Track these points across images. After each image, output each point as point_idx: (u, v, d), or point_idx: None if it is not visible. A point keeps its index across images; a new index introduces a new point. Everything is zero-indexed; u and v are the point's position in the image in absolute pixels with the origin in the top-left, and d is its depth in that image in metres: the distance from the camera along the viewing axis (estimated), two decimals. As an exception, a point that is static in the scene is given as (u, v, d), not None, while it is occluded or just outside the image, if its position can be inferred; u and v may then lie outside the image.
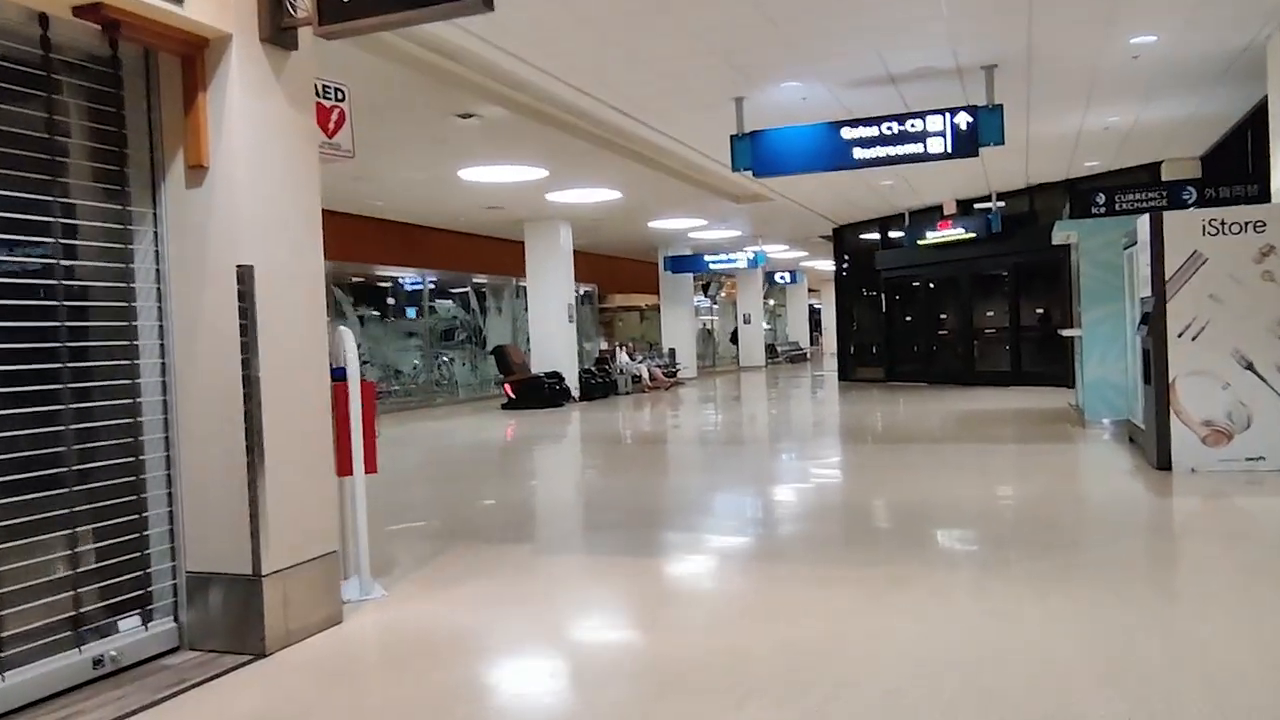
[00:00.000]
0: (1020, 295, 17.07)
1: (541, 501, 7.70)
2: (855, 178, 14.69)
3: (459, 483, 8.73)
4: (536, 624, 4.19)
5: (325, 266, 4.30)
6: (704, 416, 15.27)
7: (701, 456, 10.13)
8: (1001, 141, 8.62)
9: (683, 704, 3.18)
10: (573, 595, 4.67)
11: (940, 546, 5.26)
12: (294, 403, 4.01)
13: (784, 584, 4.62)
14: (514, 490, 8.25)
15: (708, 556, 5.36)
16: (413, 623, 4.23)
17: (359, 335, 17.00)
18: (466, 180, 13.19)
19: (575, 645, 4.00)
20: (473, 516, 7.07)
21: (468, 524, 6.74)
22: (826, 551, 5.27)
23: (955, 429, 11.23)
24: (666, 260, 23.37)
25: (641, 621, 4.22)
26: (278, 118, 3.97)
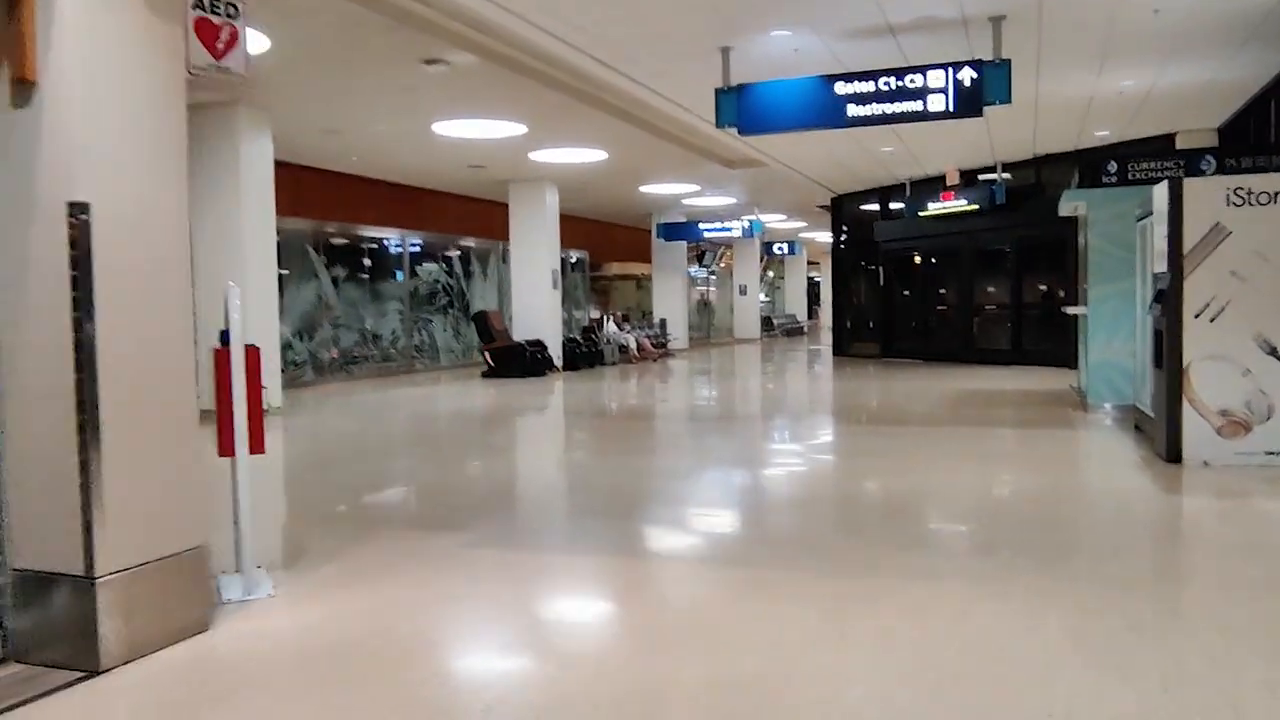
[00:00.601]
0: (1023, 271, 16.38)
1: (491, 482, 7.06)
2: (855, 144, 13.96)
3: (411, 458, 8.10)
4: (425, 642, 3.54)
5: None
6: (688, 391, 14.62)
7: (677, 436, 9.50)
8: (1008, 99, 7.90)
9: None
10: (483, 604, 4.03)
11: (922, 552, 4.61)
12: (144, 371, 3.36)
13: (734, 598, 3.97)
14: (467, 468, 7.61)
15: (654, 557, 4.73)
16: (289, 633, 3.61)
17: (334, 298, 16.43)
18: (442, 135, 12.46)
19: (458, 676, 3.34)
20: (413, 498, 6.44)
21: (403, 507, 6.12)
22: (792, 555, 4.62)
23: (950, 411, 10.58)
24: (659, 227, 22.63)
25: (550, 646, 3.55)
26: (130, 28, 3.29)
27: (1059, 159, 15.43)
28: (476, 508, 5.89)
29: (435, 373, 17.76)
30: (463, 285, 19.32)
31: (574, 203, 20.40)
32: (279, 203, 14.94)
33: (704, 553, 4.76)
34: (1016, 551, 4.52)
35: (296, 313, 15.22)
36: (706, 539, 5.19)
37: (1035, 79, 10.10)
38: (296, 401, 12.95)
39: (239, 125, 10.39)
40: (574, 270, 23.53)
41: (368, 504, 6.12)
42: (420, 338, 18.16)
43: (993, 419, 9.85)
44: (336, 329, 16.01)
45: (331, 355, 16.07)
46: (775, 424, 10.14)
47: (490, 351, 16.45)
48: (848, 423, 10.24)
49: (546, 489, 6.74)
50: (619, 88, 10.41)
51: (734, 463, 7.58)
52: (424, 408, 12.39)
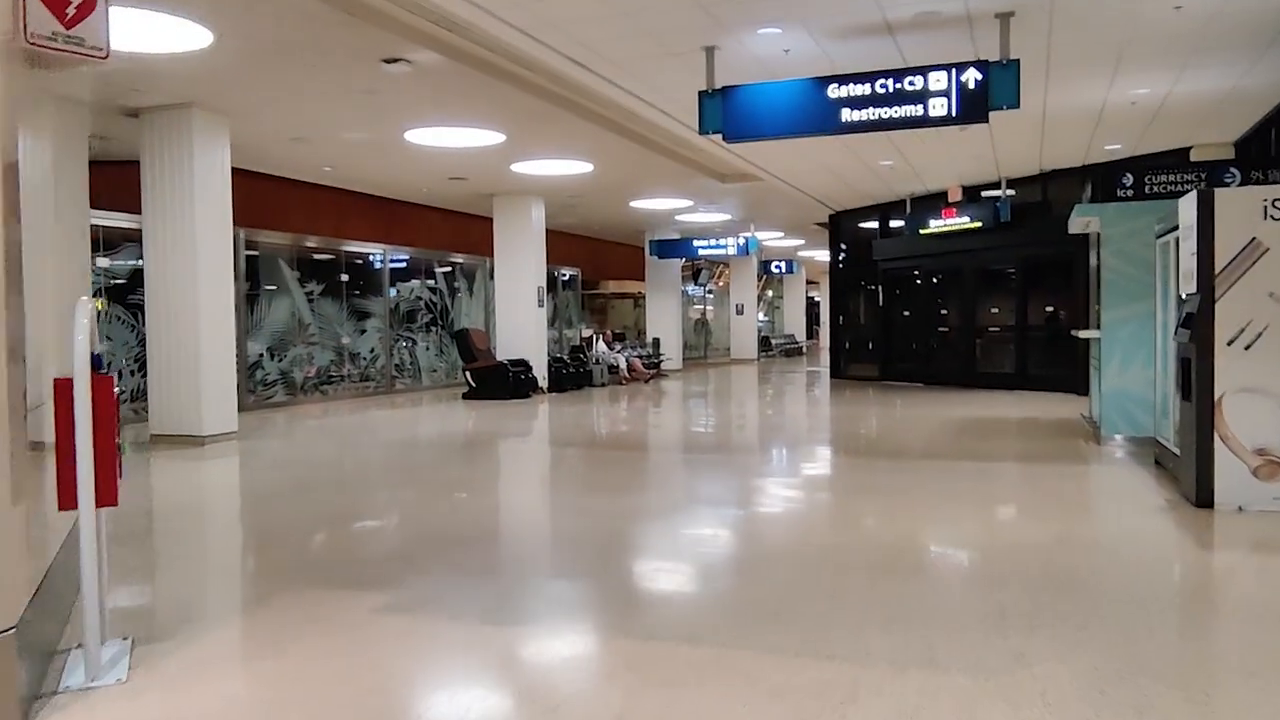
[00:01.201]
0: (1029, 292, 15.69)
1: (439, 526, 6.32)
2: (852, 156, 13.31)
3: (360, 493, 7.37)
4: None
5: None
6: (675, 417, 13.89)
7: (655, 470, 8.75)
8: (1016, 103, 7.22)
9: None
10: (371, 698, 3.31)
11: (918, 625, 3.88)
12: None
13: (673, 697, 3.23)
14: (417, 507, 6.89)
15: (599, 632, 3.97)
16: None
17: (308, 314, 15.74)
18: (416, 144, 11.80)
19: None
20: (347, 544, 5.72)
21: (331, 555, 5.39)
22: (763, 629, 3.87)
23: (952, 442, 9.86)
24: (652, 244, 21.98)
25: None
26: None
27: (1067, 175, 14.77)
28: (415, 558, 5.17)
29: (416, 393, 17.06)
30: (447, 302, 18.64)
31: (564, 219, 19.78)
32: (248, 215, 14.34)
33: (660, 624, 4.02)
34: (1030, 627, 3.79)
35: (268, 330, 14.54)
36: (666, 605, 4.46)
37: (1044, 87, 9.43)
38: (265, 423, 12.26)
39: (193, 128, 9.71)
40: (565, 288, 22.85)
41: (292, 551, 5.39)
42: (401, 357, 17.45)
43: (998, 452, 9.12)
44: (311, 347, 15.32)
45: (306, 374, 15.38)
46: (763, 456, 9.39)
47: (472, 371, 15.75)
48: (841, 455, 9.50)
49: (500, 536, 6.00)
50: (600, 93, 9.75)
51: (712, 504, 6.83)
52: (394, 432, 11.68)
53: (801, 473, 8.28)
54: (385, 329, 16.79)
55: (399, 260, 17.50)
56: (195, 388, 9.82)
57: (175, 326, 9.88)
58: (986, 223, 15.54)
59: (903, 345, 18.64)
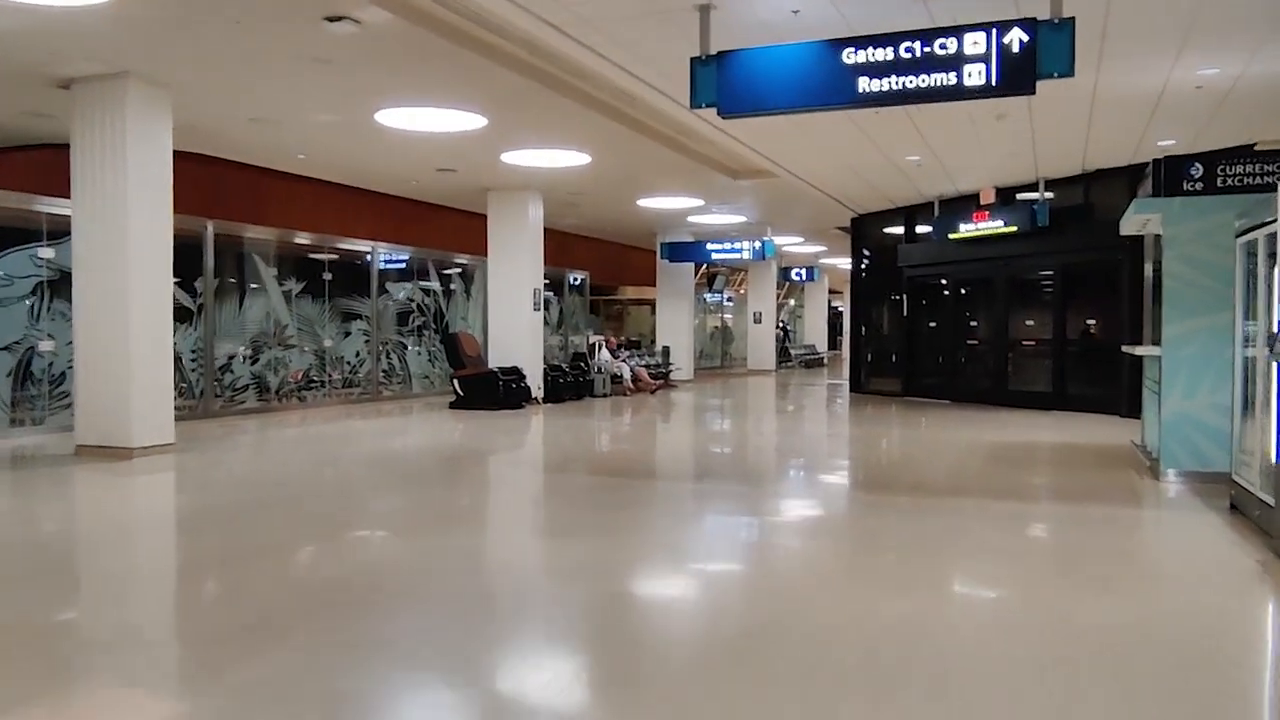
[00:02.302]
0: (1068, 303, 14.33)
1: (337, 577, 5.13)
2: (875, 149, 12.05)
3: (271, 525, 6.20)
4: None
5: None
6: (670, 436, 12.63)
7: (622, 504, 7.36)
8: (1069, 70, 5.97)
9: None
10: None
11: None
12: None
13: None
14: (330, 549, 5.71)
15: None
16: None
17: (285, 314, 14.65)
18: (388, 127, 10.66)
19: None
20: (203, 603, 4.54)
21: (174, 623, 4.22)
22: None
23: (983, 473, 8.57)
24: (663, 247, 20.77)
25: None
26: None
27: (1112, 176, 13.42)
28: (289, 629, 3.98)
29: (405, 401, 15.93)
30: (442, 305, 17.51)
31: (569, 218, 18.65)
32: (218, 206, 13.29)
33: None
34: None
35: (240, 331, 13.46)
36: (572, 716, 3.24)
37: (1097, 63, 8.15)
38: (225, 432, 11.19)
39: (127, 102, 8.60)
40: (573, 291, 21.69)
41: (125, 613, 4.23)
42: (390, 362, 16.33)
43: (1038, 488, 7.82)
44: (289, 350, 14.22)
45: (292, 378, 14.30)
46: (761, 491, 8.00)
47: (460, 379, 14.60)
48: (854, 490, 8.17)
49: (406, 597, 4.79)
50: (584, 67, 8.57)
51: (681, 556, 5.52)
52: (359, 446, 10.53)
53: (802, 515, 6.97)
54: (373, 332, 15.68)
55: (390, 259, 16.40)
56: (124, 394, 8.70)
57: (102, 325, 8.77)
58: (1022, 227, 14.22)
59: (928, 359, 17.32)
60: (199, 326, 12.64)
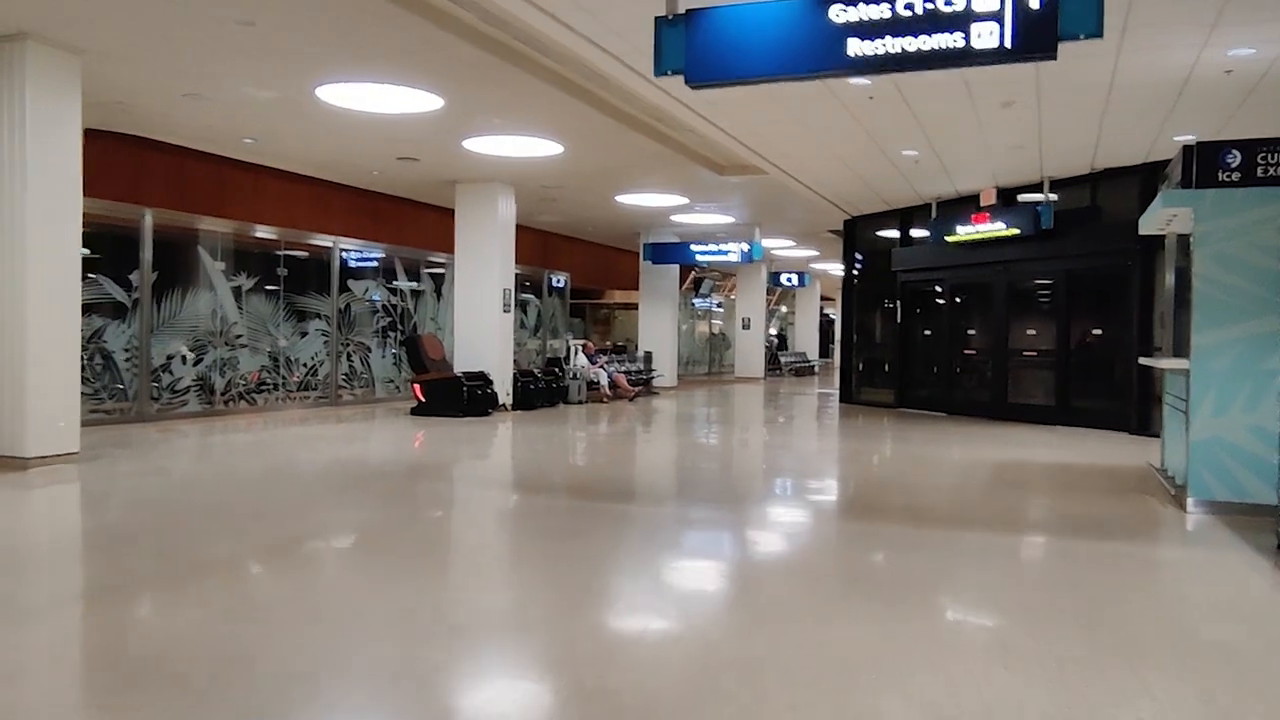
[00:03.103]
0: (1072, 311, 13.41)
1: (170, 632, 4.17)
2: (871, 144, 11.12)
3: (140, 555, 5.21)
4: None
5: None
6: (640, 449, 11.64)
7: (564, 533, 6.37)
8: (1097, 30, 5.03)
9: None
10: None
11: None
12: None
13: None
14: (178, 589, 4.74)
15: None
16: None
17: (234, 312, 13.63)
18: (332, 105, 9.70)
19: None
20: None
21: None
22: None
23: (984, 498, 7.62)
24: (646, 248, 19.83)
25: None
26: None
27: (1122, 176, 12.51)
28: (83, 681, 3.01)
29: (367, 406, 14.95)
30: (409, 305, 16.52)
31: (544, 214, 17.70)
32: (158, 194, 12.32)
33: None
34: None
35: (181, 329, 12.46)
36: None
37: (1119, 40, 7.24)
38: (163, 437, 10.24)
39: (24, 68, 7.63)
40: (552, 294, 20.73)
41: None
42: (351, 364, 15.33)
43: (1048, 519, 6.86)
44: (237, 350, 13.22)
45: (251, 379, 13.33)
46: (730, 516, 6.98)
47: (421, 384, 13.62)
48: (838, 516, 7.18)
49: (255, 657, 3.82)
50: (550, 40, 7.62)
51: (616, 608, 4.46)
52: (301, 456, 9.54)
53: (775, 550, 5.96)
54: (332, 332, 14.68)
55: (359, 256, 15.42)
56: (18, 398, 7.72)
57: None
58: (1025, 230, 13.31)
59: (923, 369, 16.39)
60: (134, 323, 11.66)
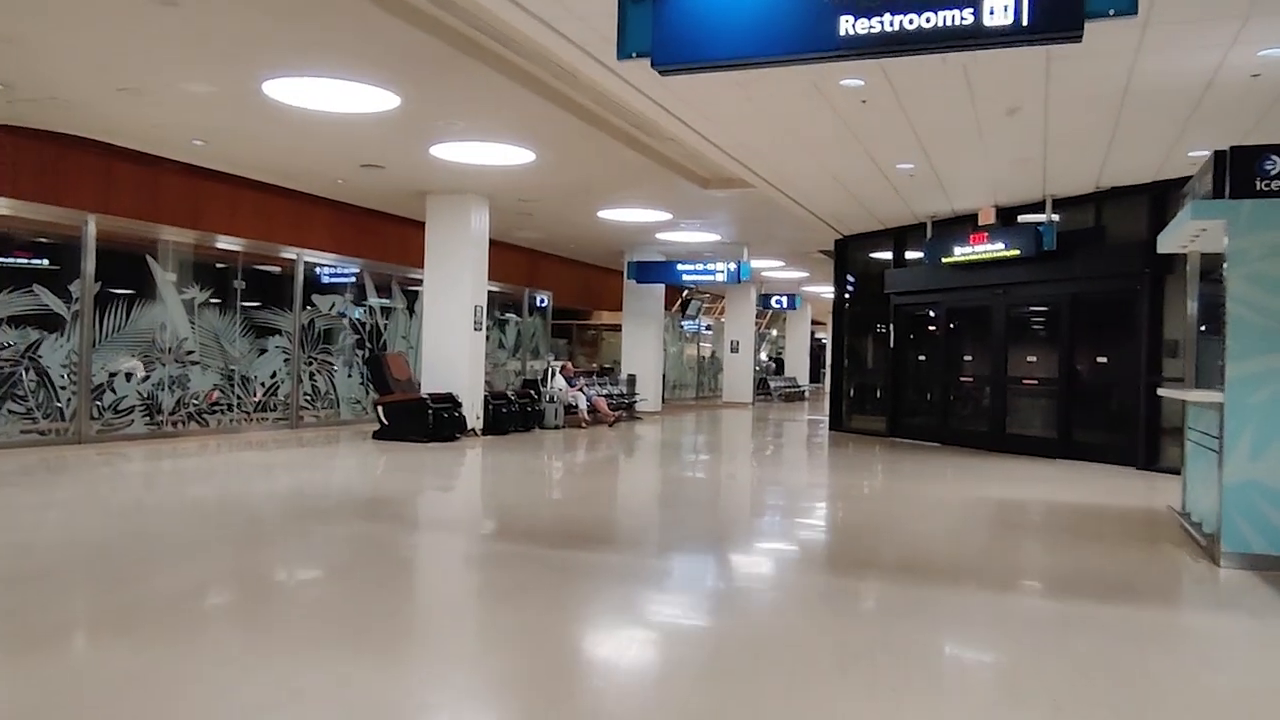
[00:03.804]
0: (1076, 337, 12.65)
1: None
2: (864, 156, 10.39)
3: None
4: None
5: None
6: (610, 481, 10.80)
7: (505, 588, 5.56)
8: (1131, 8, 4.30)
9: None
10: None
11: None
12: None
13: None
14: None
15: None
16: None
17: (185, 326, 12.77)
18: (281, 103, 8.93)
19: None
20: None
21: None
22: None
23: (986, 546, 6.82)
24: (630, 266, 19.07)
25: None
26: None
27: (1128, 195, 11.81)
28: None
29: (330, 429, 14.10)
30: (379, 322, 15.70)
31: (523, 229, 16.95)
32: (103, 199, 11.52)
33: None
34: None
35: (127, 343, 11.62)
36: None
37: (1140, 35, 6.51)
38: (94, 461, 9.37)
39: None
40: (534, 313, 19.93)
41: None
42: (314, 383, 14.48)
43: (1064, 575, 6.01)
44: (188, 367, 12.38)
45: (209, 399, 12.51)
46: (699, 568, 6.17)
47: (384, 406, 12.79)
48: (818, 568, 6.26)
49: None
50: (512, 30, 6.85)
51: (561, 696, 3.78)
52: (229, 485, 8.70)
53: (751, 619, 5.12)
54: (294, 350, 13.85)
55: (320, 269, 14.63)
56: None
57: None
58: (1025, 251, 12.57)
59: (916, 396, 15.62)
60: (73, 337, 10.83)
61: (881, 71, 7.41)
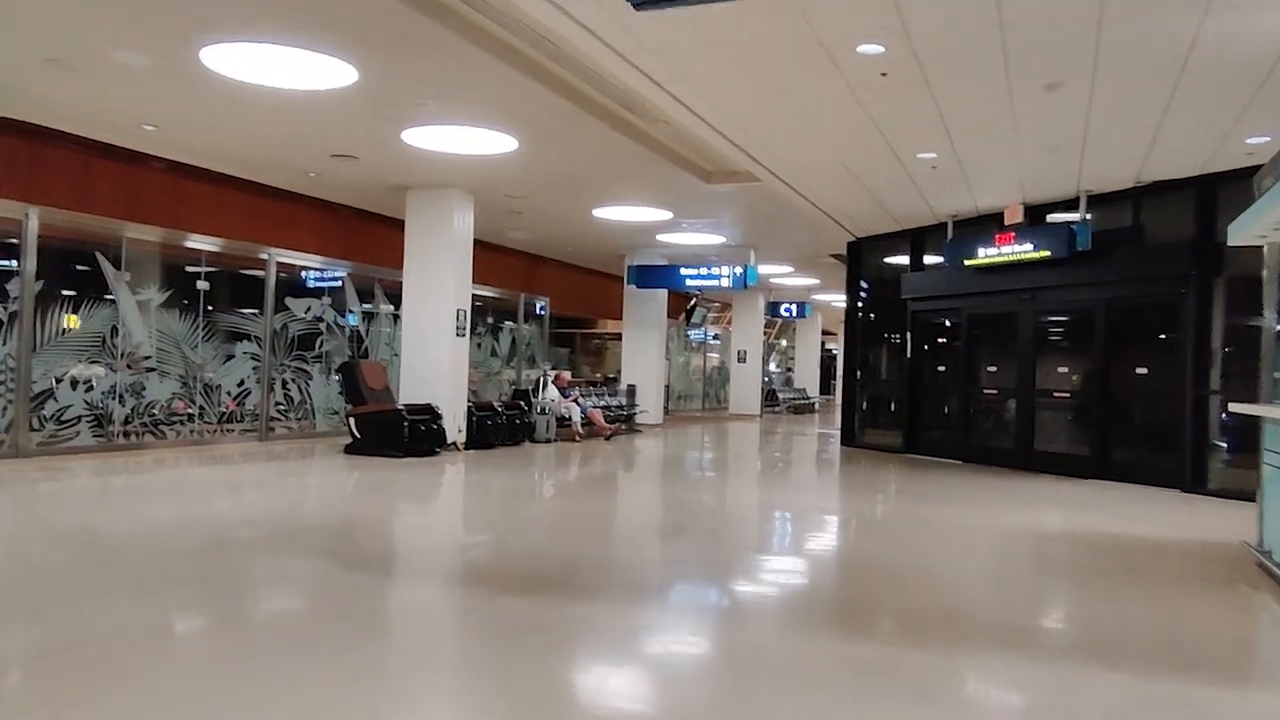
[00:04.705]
0: (1112, 345, 11.55)
1: None
2: (882, 144, 9.36)
3: None
4: None
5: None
6: (595, 505, 9.71)
7: (442, 644, 4.62)
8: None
9: None
10: None
11: None
12: None
13: None
14: None
15: None
16: None
17: (140, 329, 11.73)
18: (225, 76, 7.94)
19: None
20: None
21: None
22: None
23: (1031, 597, 5.73)
24: (630, 271, 18.03)
25: None
26: None
27: (1172, 190, 10.71)
28: None
29: (305, 440, 13.08)
30: (361, 328, 14.69)
31: (514, 230, 15.94)
32: (45, 191, 10.53)
33: None
34: None
35: (72, 347, 10.63)
36: None
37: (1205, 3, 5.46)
38: (54, 473, 8.39)
39: None
40: (530, 321, 18.89)
41: None
42: (287, 393, 13.46)
43: (1126, 633, 4.86)
44: (142, 374, 11.37)
45: (153, 411, 11.51)
46: (696, 629, 5.16)
47: (356, 418, 11.76)
48: (828, 629, 5.20)
49: None
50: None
51: None
52: (158, 508, 7.69)
53: (712, 687, 4.07)
54: (265, 356, 12.83)
55: (297, 271, 13.64)
56: None
57: None
58: (1057, 252, 11.51)
59: (934, 409, 14.53)
60: (10, 340, 9.85)
61: (904, 34, 6.37)
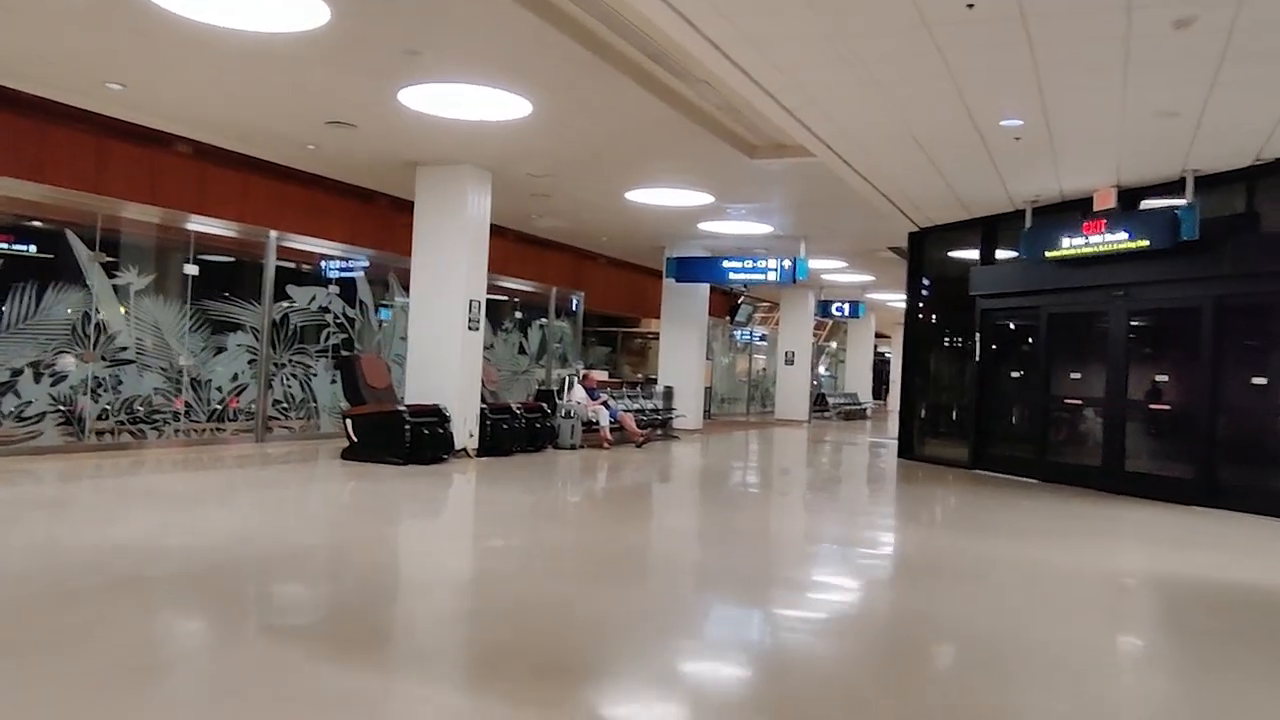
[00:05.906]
0: (1223, 351, 9.89)
1: None
2: (959, 109, 7.84)
3: None
4: None
5: None
6: (608, 533, 8.24)
7: None
8: None
9: None
10: None
11: None
12: None
13: None
14: None
15: None
16: None
17: (118, 317, 10.48)
18: (177, 13, 6.68)
19: None
20: None
21: None
22: None
23: (1163, 691, 4.23)
24: (669, 263, 16.62)
25: None
26: None
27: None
28: None
29: (307, 442, 11.90)
30: (370, 319, 13.48)
31: (543, 217, 14.63)
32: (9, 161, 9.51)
33: None
34: None
35: (36, 336, 9.51)
36: None
37: None
38: (12, 475, 7.28)
39: None
40: (562, 316, 17.61)
41: None
42: (287, 389, 12.27)
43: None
44: (118, 365, 10.24)
45: (174, 408, 10.45)
46: (700, 693, 3.75)
47: (353, 420, 10.50)
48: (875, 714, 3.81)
49: None
50: None
51: None
52: (87, 531, 6.46)
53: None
54: (262, 349, 11.65)
55: (302, 256, 12.48)
56: None
57: None
58: (1157, 242, 9.89)
59: (1006, 420, 12.91)
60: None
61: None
